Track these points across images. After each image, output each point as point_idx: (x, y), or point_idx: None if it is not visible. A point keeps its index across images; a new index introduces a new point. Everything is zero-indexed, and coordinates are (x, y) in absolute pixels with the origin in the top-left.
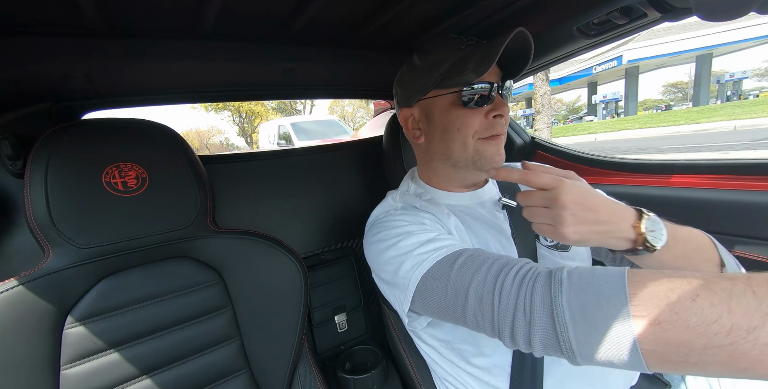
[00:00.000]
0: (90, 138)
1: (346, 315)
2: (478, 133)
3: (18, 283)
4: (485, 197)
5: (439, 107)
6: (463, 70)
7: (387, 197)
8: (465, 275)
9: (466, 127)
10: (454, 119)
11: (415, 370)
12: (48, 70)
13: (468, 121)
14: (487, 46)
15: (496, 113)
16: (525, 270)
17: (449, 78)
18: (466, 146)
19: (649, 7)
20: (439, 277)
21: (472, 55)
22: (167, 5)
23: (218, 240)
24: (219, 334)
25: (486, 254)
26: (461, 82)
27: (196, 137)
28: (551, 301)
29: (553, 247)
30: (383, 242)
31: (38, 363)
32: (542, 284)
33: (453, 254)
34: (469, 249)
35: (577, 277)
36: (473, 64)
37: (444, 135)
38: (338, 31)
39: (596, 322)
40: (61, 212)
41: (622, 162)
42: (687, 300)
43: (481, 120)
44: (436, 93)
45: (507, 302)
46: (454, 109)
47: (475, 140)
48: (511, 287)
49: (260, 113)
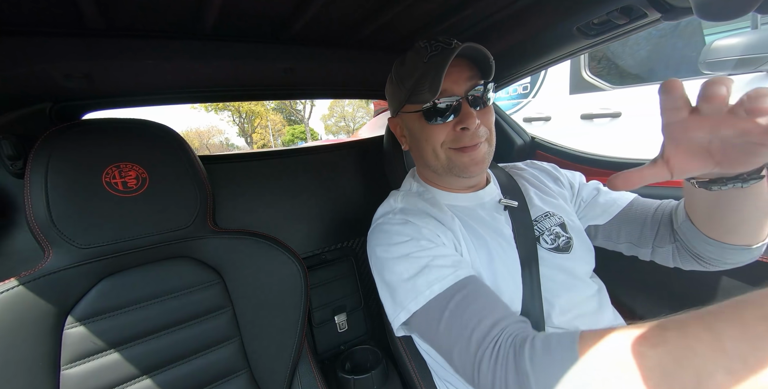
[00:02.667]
0: (90, 138)
1: (346, 315)
2: (446, 143)
3: (18, 283)
4: (486, 198)
5: (412, 120)
6: (422, 90)
7: (389, 197)
8: (450, 334)
9: (432, 139)
10: (421, 131)
11: (415, 370)
12: (48, 70)
13: (434, 133)
14: (436, 64)
15: (461, 126)
16: (497, 352)
17: (414, 94)
18: (437, 155)
19: (649, 7)
20: (430, 320)
21: (429, 72)
22: (167, 5)
23: (218, 240)
24: (219, 334)
25: (473, 304)
26: (422, 100)
27: (196, 137)
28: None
29: (553, 249)
30: (381, 260)
31: (38, 363)
32: (513, 378)
33: (445, 293)
34: (462, 287)
35: (539, 366)
36: (428, 84)
37: (418, 145)
38: (338, 31)
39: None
40: (61, 212)
41: (623, 162)
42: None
43: (449, 132)
44: (408, 108)
45: (485, 380)
46: (421, 122)
47: (445, 148)
48: (487, 372)
49: (260, 113)
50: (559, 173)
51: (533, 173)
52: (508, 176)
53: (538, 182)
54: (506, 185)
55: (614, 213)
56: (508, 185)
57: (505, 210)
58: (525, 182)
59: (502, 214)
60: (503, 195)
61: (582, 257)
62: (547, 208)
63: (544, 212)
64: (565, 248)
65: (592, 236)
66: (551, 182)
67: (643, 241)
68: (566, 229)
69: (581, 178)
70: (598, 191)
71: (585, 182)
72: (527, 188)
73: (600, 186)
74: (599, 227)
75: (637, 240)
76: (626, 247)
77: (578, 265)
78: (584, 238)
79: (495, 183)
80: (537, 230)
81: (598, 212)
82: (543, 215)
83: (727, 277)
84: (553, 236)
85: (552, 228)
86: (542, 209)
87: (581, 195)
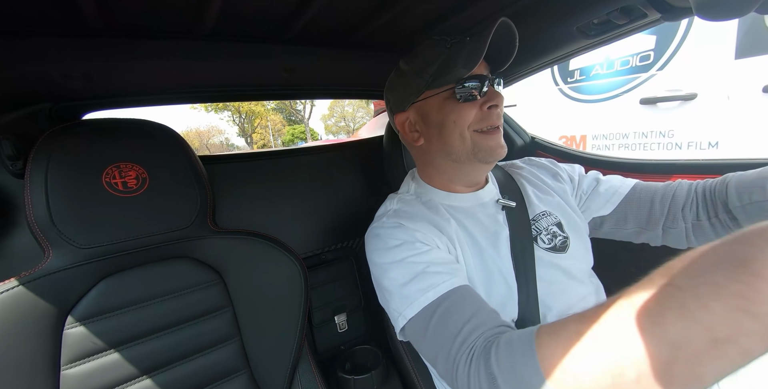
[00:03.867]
0: (90, 138)
1: (346, 315)
2: (473, 124)
3: (18, 283)
4: (485, 198)
5: (434, 106)
6: (453, 68)
7: (387, 199)
8: (435, 342)
9: (461, 119)
10: (449, 112)
11: (415, 370)
12: (48, 70)
13: (463, 113)
14: (473, 41)
15: (490, 103)
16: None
17: (440, 77)
18: (464, 139)
19: (650, 7)
20: (419, 329)
21: (459, 51)
22: (167, 5)
23: (218, 240)
24: (219, 334)
25: (456, 313)
26: (453, 79)
27: (196, 137)
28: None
29: (550, 249)
30: (377, 265)
31: (38, 363)
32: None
33: (435, 302)
34: (448, 296)
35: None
36: (462, 60)
37: (441, 131)
38: (338, 31)
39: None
40: (61, 212)
41: (623, 162)
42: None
43: (477, 112)
44: (429, 93)
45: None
46: (448, 104)
47: (471, 131)
48: (463, 375)
49: (260, 113)
50: (558, 168)
51: (532, 171)
52: (506, 175)
53: (536, 180)
54: (505, 184)
55: (617, 202)
56: (507, 185)
57: (503, 210)
58: (524, 181)
59: (500, 214)
60: (501, 195)
61: (579, 257)
62: (544, 207)
63: (541, 211)
64: (562, 247)
65: (597, 226)
66: (550, 178)
67: (652, 224)
68: (563, 228)
69: (581, 170)
70: (597, 181)
71: (584, 173)
72: (526, 187)
73: (599, 176)
74: (605, 217)
75: (645, 224)
76: (635, 232)
77: (575, 264)
78: (582, 236)
79: (494, 183)
80: (534, 229)
81: (601, 203)
82: (540, 214)
83: None
84: (550, 236)
85: (549, 228)
86: (540, 208)
87: (582, 188)
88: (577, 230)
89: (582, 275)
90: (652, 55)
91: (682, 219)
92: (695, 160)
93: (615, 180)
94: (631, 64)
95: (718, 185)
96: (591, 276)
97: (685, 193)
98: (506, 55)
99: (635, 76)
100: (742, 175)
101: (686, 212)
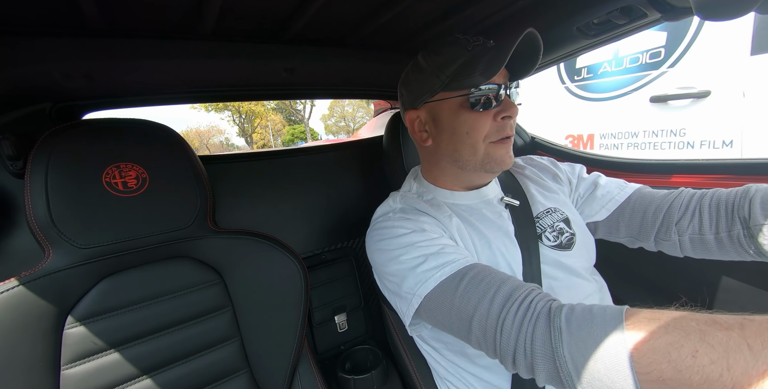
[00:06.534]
0: (90, 138)
1: (346, 315)
2: (488, 137)
3: (18, 283)
4: (489, 195)
5: (447, 110)
6: (472, 73)
7: (388, 197)
8: (468, 303)
9: (475, 131)
10: (463, 122)
11: (415, 370)
12: (48, 70)
13: (477, 124)
14: (496, 48)
15: (505, 114)
16: (525, 308)
17: (457, 80)
18: (476, 150)
19: (650, 7)
20: (443, 299)
21: (481, 56)
22: (167, 5)
23: (218, 240)
24: (219, 334)
25: (489, 276)
26: (469, 85)
27: (196, 137)
28: (552, 350)
29: (555, 246)
30: (386, 252)
31: (38, 363)
32: (542, 331)
33: (457, 273)
34: (472, 267)
35: (576, 326)
36: (482, 67)
37: (452, 138)
38: (338, 31)
39: (601, 376)
40: (61, 212)
41: (622, 162)
42: (688, 356)
43: (491, 122)
44: (443, 95)
45: (507, 340)
46: (462, 112)
47: (486, 143)
48: (511, 328)
49: (260, 113)
50: (558, 169)
51: (533, 170)
52: (507, 173)
53: (538, 179)
54: (506, 182)
55: (612, 209)
56: (509, 183)
57: (507, 208)
58: (525, 179)
59: (504, 212)
60: (504, 193)
61: (583, 254)
62: (549, 204)
63: (546, 208)
64: (568, 245)
65: (592, 230)
66: (550, 179)
67: (644, 235)
68: (570, 225)
69: (581, 171)
70: (596, 185)
71: (585, 175)
72: (528, 184)
73: (599, 180)
74: (599, 223)
75: (637, 234)
76: (628, 240)
77: (579, 262)
78: (586, 233)
79: (496, 181)
80: (539, 227)
81: (596, 208)
82: (545, 211)
83: (727, 277)
84: (556, 233)
85: (555, 224)
86: (544, 205)
87: (578, 191)
88: (582, 227)
89: (586, 273)
90: (663, 52)
91: (675, 232)
92: (695, 160)
93: (613, 186)
94: (641, 61)
95: (738, 198)
96: (594, 274)
97: (684, 204)
98: (527, 66)
99: (645, 73)
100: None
101: (682, 225)
